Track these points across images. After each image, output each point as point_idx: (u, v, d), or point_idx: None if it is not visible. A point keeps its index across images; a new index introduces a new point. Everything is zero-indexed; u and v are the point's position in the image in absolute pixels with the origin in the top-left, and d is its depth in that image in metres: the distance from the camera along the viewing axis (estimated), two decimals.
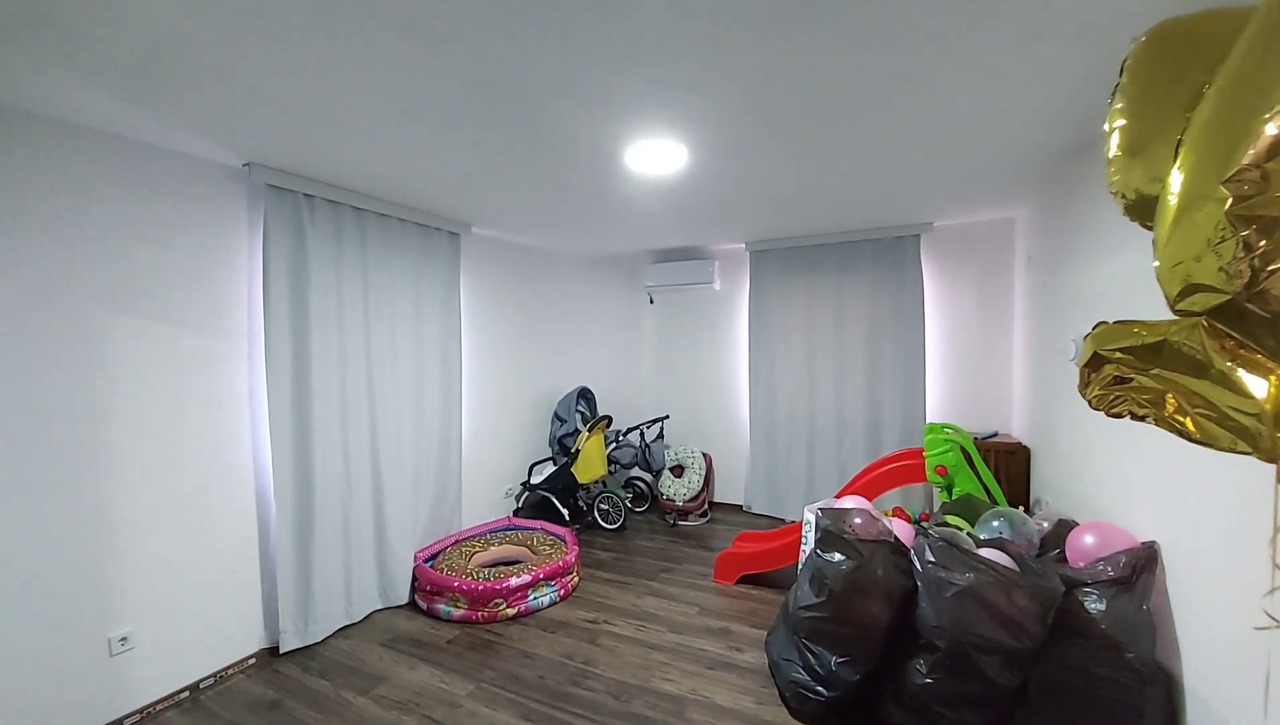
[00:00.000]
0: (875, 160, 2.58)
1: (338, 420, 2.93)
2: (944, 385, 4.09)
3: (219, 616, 2.54)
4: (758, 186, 2.97)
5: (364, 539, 3.09)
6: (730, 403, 4.91)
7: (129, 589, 2.24)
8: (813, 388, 4.44)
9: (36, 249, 1.99)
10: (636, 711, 2.26)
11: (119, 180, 2.20)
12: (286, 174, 2.64)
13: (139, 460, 2.27)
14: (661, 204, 3.29)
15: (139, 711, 2.25)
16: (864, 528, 2.37)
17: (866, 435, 4.23)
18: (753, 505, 4.73)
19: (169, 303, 2.36)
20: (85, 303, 2.11)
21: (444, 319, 3.64)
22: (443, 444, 3.64)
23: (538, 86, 1.81)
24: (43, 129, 1.99)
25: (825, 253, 4.31)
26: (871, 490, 3.22)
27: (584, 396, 4.77)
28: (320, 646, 2.79)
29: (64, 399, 2.06)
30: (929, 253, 4.05)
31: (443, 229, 3.59)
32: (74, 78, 1.70)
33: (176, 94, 1.83)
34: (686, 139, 2.28)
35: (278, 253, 2.65)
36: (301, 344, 2.76)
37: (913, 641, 1.99)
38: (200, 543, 2.47)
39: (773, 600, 3.16)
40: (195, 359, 2.45)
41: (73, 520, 2.08)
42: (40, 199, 2.00)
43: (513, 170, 2.65)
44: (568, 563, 3.33)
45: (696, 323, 5.04)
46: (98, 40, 1.50)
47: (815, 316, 4.41)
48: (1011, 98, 1.95)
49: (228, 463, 2.58)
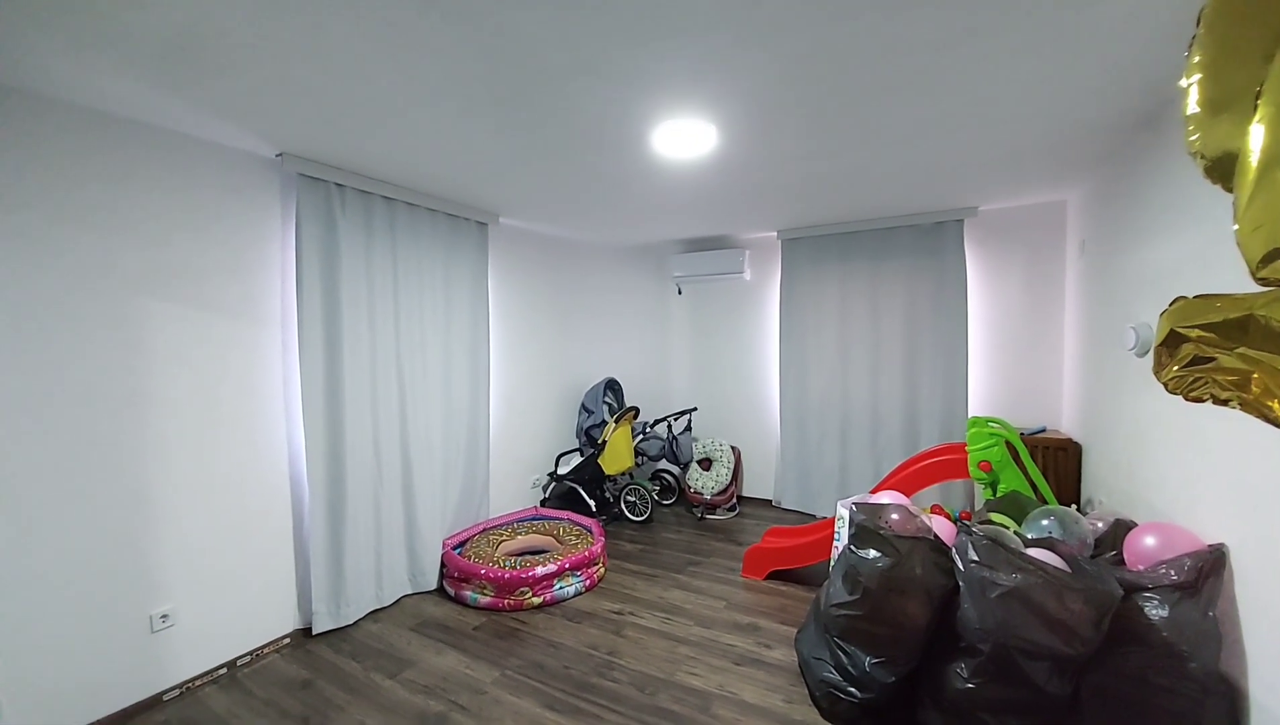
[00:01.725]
0: (916, 139, 2.44)
1: (368, 407, 2.96)
2: (988, 378, 3.89)
3: (255, 597, 2.61)
4: (790, 169, 2.86)
5: (394, 525, 3.13)
6: (760, 395, 4.80)
7: (169, 568, 2.31)
8: (846, 380, 4.30)
9: (77, 237, 2.05)
10: (662, 705, 2.22)
11: (157, 170, 2.26)
12: (318, 164, 2.67)
13: (177, 444, 2.33)
14: (690, 190, 3.22)
15: (179, 686, 2.33)
16: (901, 524, 2.26)
17: (904, 429, 4.07)
18: (782, 500, 4.62)
19: (205, 290, 2.42)
20: (124, 289, 2.18)
21: (472, 309, 3.65)
22: (471, 433, 3.67)
23: (562, 64, 1.76)
24: (82, 119, 2.05)
25: (860, 240, 4.16)
26: (909, 486, 3.09)
27: (611, 388, 4.74)
28: (351, 629, 2.84)
29: (105, 383, 2.13)
30: (973, 239, 3.85)
31: (470, 219, 3.60)
32: (105, 64, 1.73)
33: (205, 80, 1.85)
34: (716, 118, 2.20)
35: (310, 242, 2.68)
36: (333, 332, 2.80)
37: (953, 644, 1.89)
38: (236, 525, 2.54)
39: (803, 597, 3.07)
40: (230, 345, 2.51)
41: (115, 501, 2.16)
42: (81, 188, 2.06)
43: (538, 156, 2.61)
44: (594, 553, 3.31)
45: (725, 313, 4.94)
46: (125, 25, 1.52)
47: (850, 306, 4.26)
48: (1068, 63, 1.80)
49: (262, 447, 2.64)
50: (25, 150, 1.92)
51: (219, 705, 2.26)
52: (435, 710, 2.21)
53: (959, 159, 2.73)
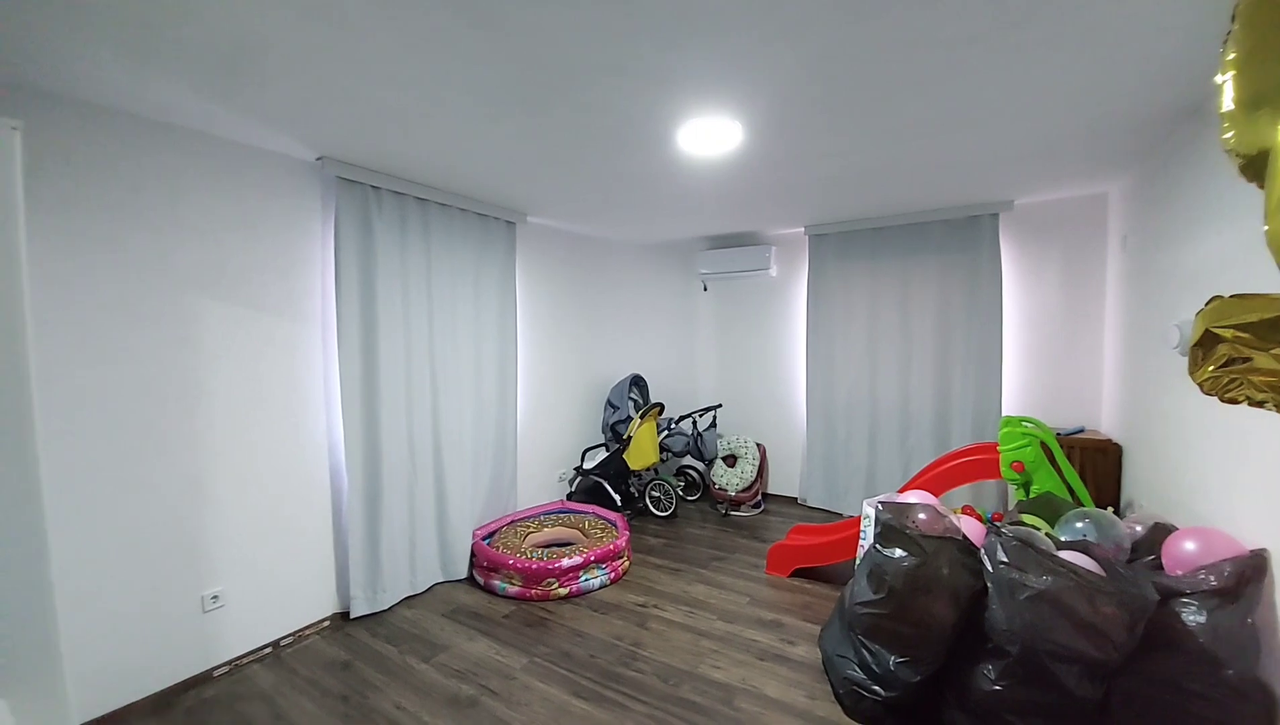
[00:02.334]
0: (948, 132, 2.40)
1: (403, 401, 3.07)
2: (1023, 376, 3.79)
3: (297, 581, 2.74)
4: (817, 165, 2.84)
5: (426, 515, 3.23)
6: (786, 393, 4.77)
7: (219, 552, 2.45)
8: (875, 378, 4.25)
9: (136, 238, 2.18)
10: (685, 696, 2.25)
11: (209, 174, 2.38)
12: (355, 166, 2.77)
13: (226, 435, 2.47)
14: (716, 187, 3.22)
15: (228, 663, 2.47)
16: (928, 524, 2.25)
17: (934, 428, 4.01)
18: (808, 498, 4.59)
19: (252, 288, 2.54)
20: (178, 287, 2.31)
21: (501, 306, 3.73)
22: (499, 427, 3.76)
23: (590, 65, 1.80)
24: (141, 128, 2.18)
25: (890, 235, 4.09)
26: (938, 486, 3.05)
27: (636, 384, 4.78)
28: (387, 614, 2.95)
29: (161, 376, 2.27)
30: (1008, 233, 3.75)
31: (500, 218, 3.67)
32: (162, 76, 1.84)
33: (252, 89, 1.95)
34: (742, 115, 2.21)
35: (348, 241, 2.79)
36: (370, 329, 2.91)
37: (980, 645, 1.87)
38: (280, 513, 2.67)
39: (827, 595, 3.07)
40: (275, 341, 2.63)
41: (170, 488, 2.30)
42: (139, 192, 2.19)
43: (565, 156, 2.66)
44: (618, 547, 3.36)
45: (751, 310, 4.92)
46: (180, 39, 1.62)
47: (879, 303, 4.20)
48: (1107, 56, 1.75)
49: (304, 439, 2.76)
50: (89, 157, 2.06)
51: (265, 682, 2.39)
52: (467, 694, 2.29)
53: (993, 152, 2.67)
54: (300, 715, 2.18)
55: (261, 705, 2.24)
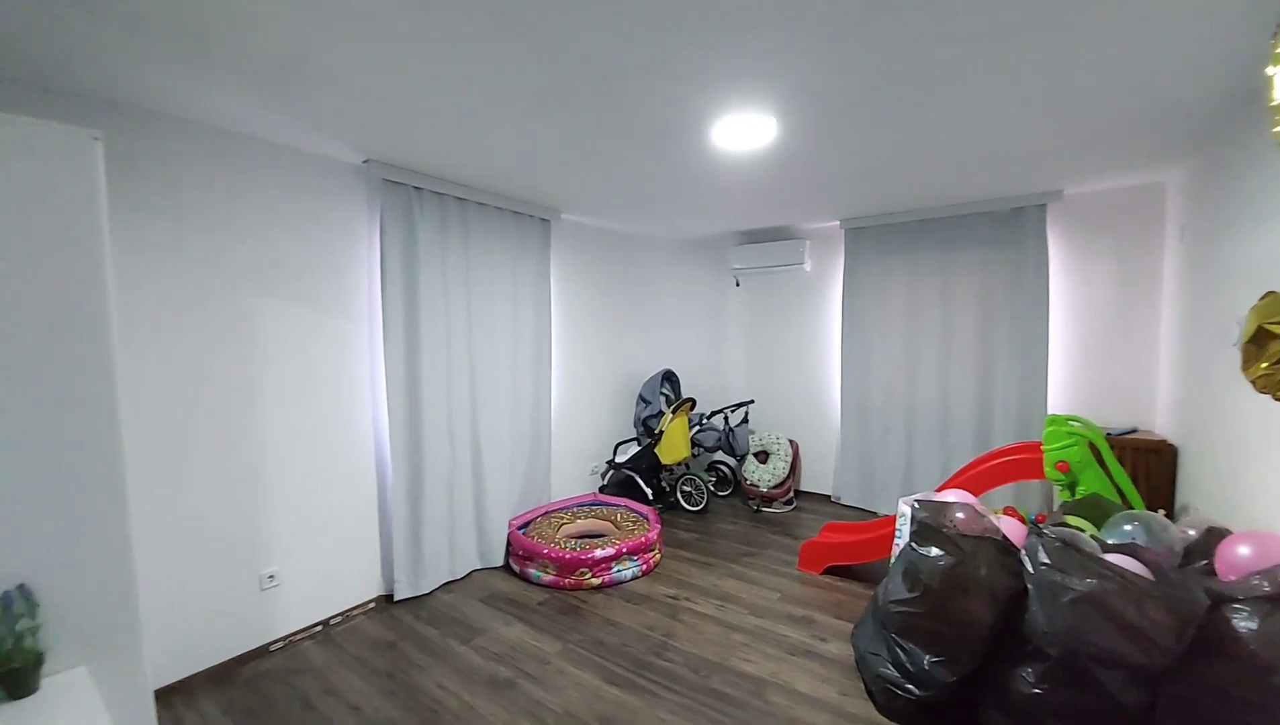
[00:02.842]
0: (992, 123, 2.33)
1: (443, 395, 3.18)
2: (1070, 374, 3.65)
3: (345, 563, 2.89)
4: (854, 157, 2.80)
5: (465, 504, 3.35)
6: (820, 389, 4.72)
7: (276, 534, 2.60)
8: (913, 375, 4.16)
9: (198, 238, 2.33)
10: (715, 688, 2.28)
11: (264, 178, 2.52)
12: (399, 168, 2.88)
13: (281, 424, 2.61)
14: (749, 182, 3.21)
15: (283, 639, 2.63)
16: (967, 523, 2.20)
17: (975, 427, 3.90)
18: (842, 496, 4.54)
19: (304, 286, 2.68)
20: (238, 286, 2.45)
21: (536, 302, 3.81)
22: (534, 421, 3.84)
23: (624, 65, 1.83)
24: (202, 135, 2.32)
25: (930, 228, 3.99)
26: (977, 485, 2.98)
27: (668, 379, 4.81)
28: (428, 598, 3.08)
29: (221, 369, 2.42)
30: (1056, 225, 3.61)
31: (535, 216, 3.75)
32: (223, 85, 1.96)
33: (304, 95, 2.06)
34: (777, 110, 2.20)
35: (392, 241, 2.91)
36: (413, 325, 3.02)
37: (1019, 647, 1.83)
38: (330, 499, 2.81)
39: (860, 594, 3.04)
40: (325, 337, 2.77)
41: (230, 474, 2.45)
42: (204, 197, 2.34)
43: (599, 154, 2.70)
44: (650, 539, 3.41)
45: (785, 305, 4.88)
46: (241, 50, 1.72)
47: (918, 297, 4.10)
48: (1155, 41, 1.68)
49: (352, 430, 2.90)
50: (154, 163, 2.21)
51: (316, 658, 2.54)
52: (504, 676, 2.38)
53: (1039, 142, 2.58)
54: (350, 690, 2.31)
55: (314, 680, 2.38)
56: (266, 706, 2.21)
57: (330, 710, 2.18)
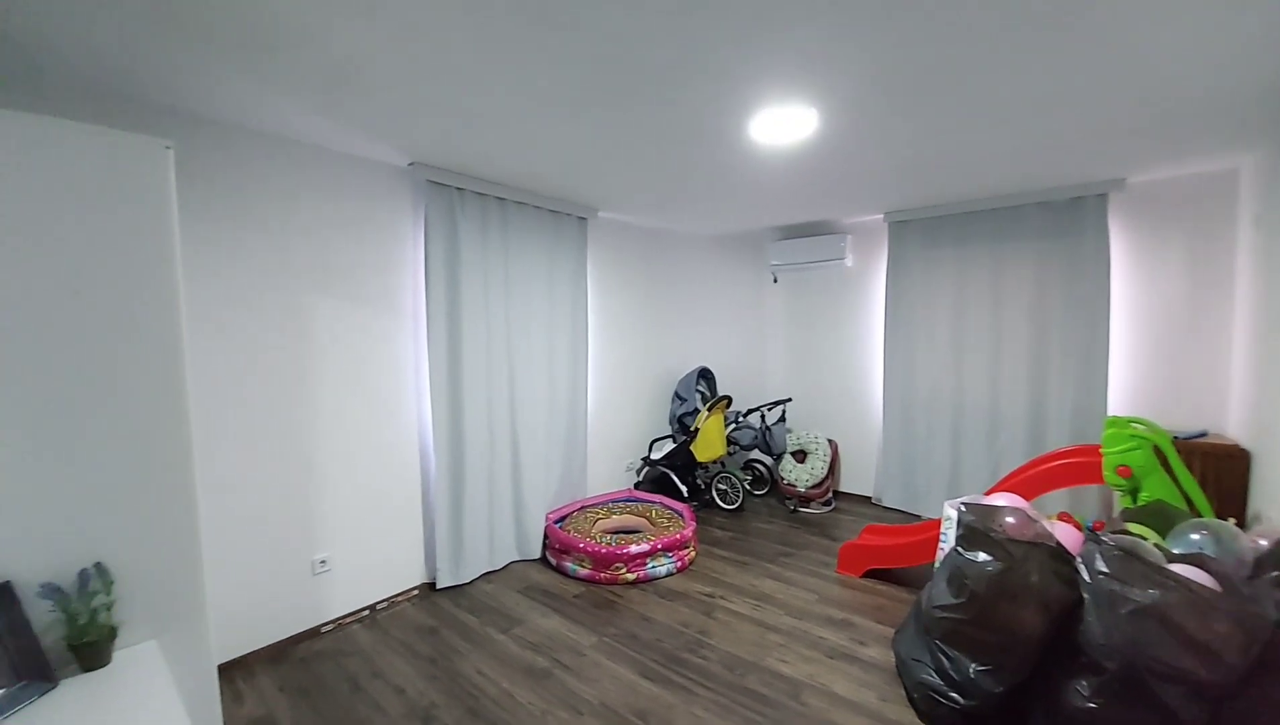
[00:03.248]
0: (1049, 108, 2.22)
1: (483, 390, 3.26)
2: (1133, 374, 3.45)
3: (391, 551, 3.00)
4: (900, 149, 2.71)
5: (503, 497, 3.42)
6: (861, 388, 4.60)
7: (327, 522, 2.72)
8: (960, 373, 4.01)
9: (260, 242, 2.46)
10: (750, 687, 2.27)
11: (318, 183, 2.63)
12: (443, 170, 2.96)
13: (333, 417, 2.73)
14: (789, 176, 3.15)
15: (332, 622, 2.75)
16: (1017, 528, 2.12)
17: (1027, 428, 3.73)
18: (883, 498, 4.42)
19: (355, 285, 2.79)
20: (294, 285, 2.57)
21: (572, 299, 3.86)
22: (570, 416, 3.89)
23: (663, 63, 1.82)
24: (261, 143, 2.45)
25: (980, 220, 3.83)
26: (1029, 489, 2.85)
27: (704, 376, 4.79)
28: (468, 587, 3.17)
29: (280, 364, 2.54)
30: (1119, 215, 3.41)
31: (572, 214, 3.79)
32: (280, 93, 2.06)
33: (354, 102, 2.14)
34: (818, 102, 2.15)
35: (436, 241, 2.99)
36: (455, 322, 3.11)
37: (1073, 658, 1.75)
38: (378, 489, 2.93)
39: (902, 599, 2.96)
40: (374, 333, 2.88)
41: (287, 463, 2.58)
42: (263, 201, 2.46)
43: (637, 151, 2.71)
44: (685, 537, 3.40)
45: (824, 302, 4.77)
46: (296, 58, 1.80)
47: (966, 292, 3.95)
48: (1224, 19, 1.56)
49: (398, 423, 3.01)
50: (218, 170, 2.34)
51: (364, 641, 2.65)
52: (541, 666, 2.43)
53: (1099, 128, 2.44)
54: (394, 673, 2.40)
55: (361, 662, 2.48)
56: (318, 685, 2.32)
57: (376, 692, 2.28)
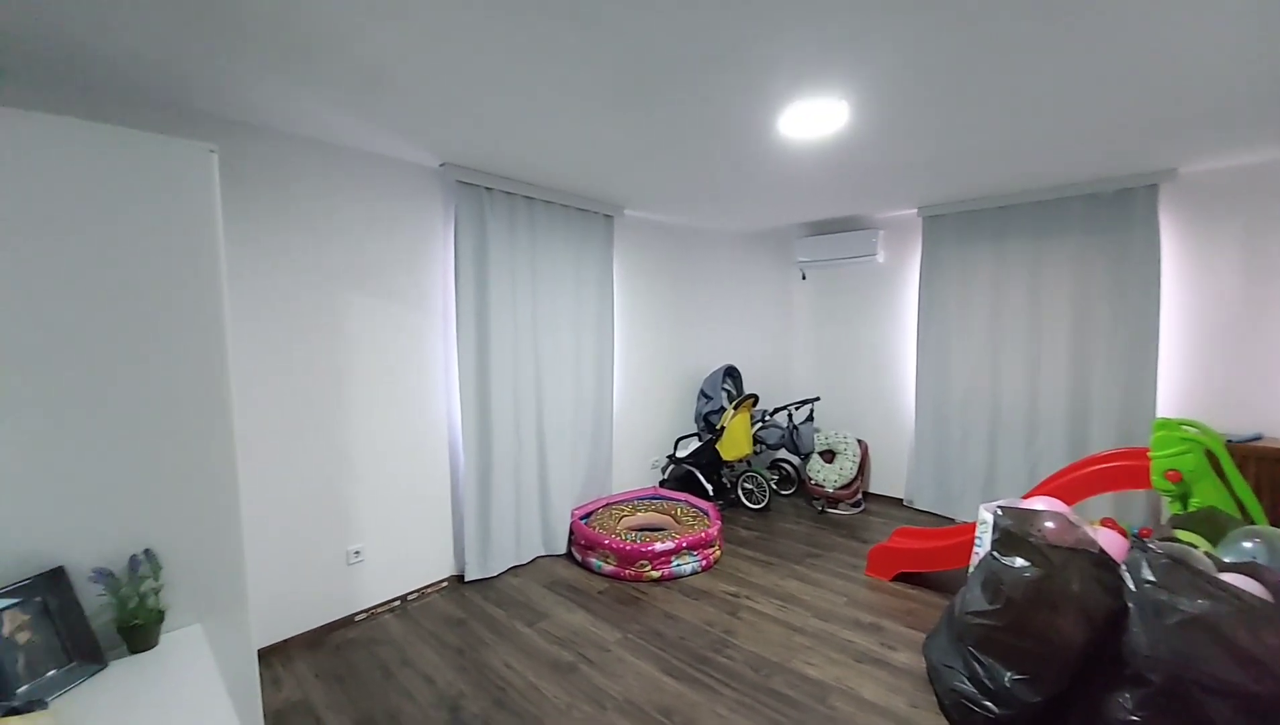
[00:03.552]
0: (1092, 98, 2.12)
1: (510, 387, 3.30)
2: (1184, 374, 3.28)
3: (421, 544, 3.07)
4: (935, 141, 2.63)
5: (530, 492, 3.47)
6: (891, 387, 4.50)
7: (360, 513, 2.80)
8: (997, 372, 3.88)
9: (298, 242, 2.54)
10: (776, 688, 2.24)
11: (352, 184, 2.71)
12: (472, 170, 3.01)
13: (366, 411, 2.81)
14: (818, 170, 3.10)
15: (366, 611, 2.83)
16: (1057, 533, 2.04)
17: (1068, 430, 3.59)
18: (915, 500, 4.31)
19: (388, 283, 2.86)
20: (330, 284, 2.65)
21: (598, 297, 3.87)
22: (596, 413, 3.92)
23: (690, 59, 1.81)
24: (299, 146, 2.52)
25: (1019, 214, 3.70)
26: (1071, 493, 2.74)
27: (730, 374, 4.75)
28: (496, 580, 3.22)
29: (316, 359, 2.63)
30: (1170, 207, 3.24)
31: (598, 212, 3.81)
32: (318, 98, 2.12)
33: (389, 105, 2.19)
34: (849, 94, 2.10)
35: (465, 239, 3.04)
36: (483, 320, 3.16)
37: (1116, 670, 1.68)
38: (409, 482, 3.00)
39: (934, 603, 2.88)
40: (405, 330, 2.95)
41: (323, 456, 2.66)
42: (299, 202, 2.54)
43: (664, 149, 2.70)
44: (710, 536, 3.39)
45: (854, 299, 4.68)
46: (332, 63, 1.85)
47: (1004, 289, 3.82)
48: None
49: (428, 418, 3.07)
50: (259, 174, 2.42)
51: (395, 630, 2.72)
52: (566, 660, 2.45)
53: (1149, 116, 2.32)
54: (424, 663, 2.45)
55: (393, 650, 2.55)
56: (351, 672, 2.39)
57: (407, 680, 2.33)
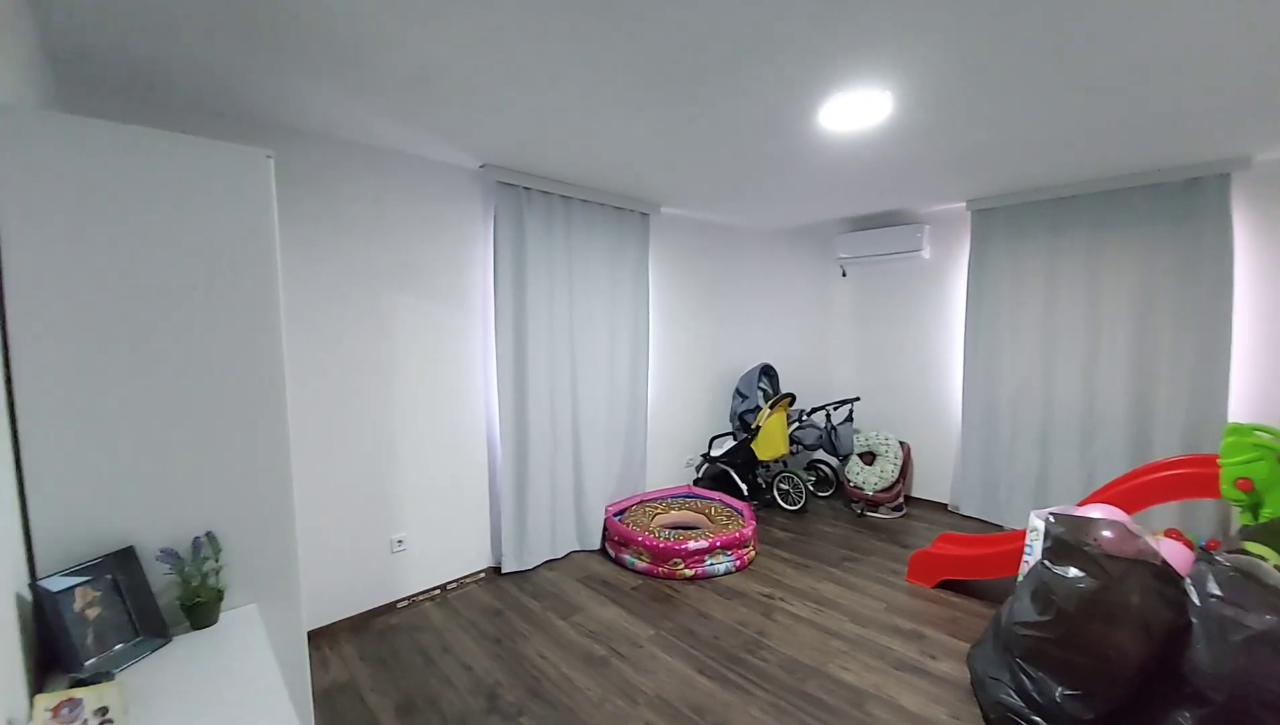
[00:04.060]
0: (1159, 78, 1.99)
1: (546, 384, 3.36)
2: (1258, 376, 3.04)
3: (461, 535, 3.16)
4: (985, 130, 2.51)
5: (565, 488, 3.52)
6: (936, 388, 4.35)
7: (403, 504, 2.91)
8: (1050, 373, 3.70)
9: (347, 243, 2.65)
10: (810, 692, 2.21)
11: (398, 187, 2.80)
12: (511, 171, 3.07)
13: (410, 406, 2.91)
14: (860, 164, 3.02)
15: (407, 598, 2.94)
16: (1115, 543, 1.94)
17: (1129, 435, 3.39)
18: (961, 506, 4.16)
19: (430, 282, 2.95)
20: (377, 283, 2.76)
21: (634, 295, 3.89)
22: (631, 411, 3.93)
23: (728, 54, 1.80)
24: (347, 151, 2.63)
25: (1075, 206, 3.51)
26: (1131, 501, 2.59)
27: (766, 373, 4.69)
28: (531, 573, 3.28)
29: (363, 356, 2.73)
30: (1244, 197, 3.02)
31: (634, 210, 3.82)
32: (364, 103, 2.21)
33: (432, 109, 2.26)
34: (893, 84, 2.04)
35: (504, 239, 3.11)
36: (520, 318, 3.22)
37: (1174, 688, 1.58)
38: (450, 475, 3.09)
39: (979, 613, 2.78)
40: (447, 328, 3.03)
41: (369, 448, 2.77)
42: (349, 205, 2.65)
43: (700, 145, 2.68)
44: (745, 535, 3.35)
45: (898, 296, 4.54)
46: (380, 71, 1.93)
47: (1059, 286, 3.63)
48: None
49: (468, 413, 3.16)
50: (311, 179, 2.53)
51: (435, 618, 2.80)
52: (599, 654, 2.48)
53: (1224, 98, 2.17)
54: (463, 650, 2.52)
55: (433, 637, 2.63)
56: (394, 657, 2.48)
57: (446, 666, 2.41)
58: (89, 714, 0.93)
